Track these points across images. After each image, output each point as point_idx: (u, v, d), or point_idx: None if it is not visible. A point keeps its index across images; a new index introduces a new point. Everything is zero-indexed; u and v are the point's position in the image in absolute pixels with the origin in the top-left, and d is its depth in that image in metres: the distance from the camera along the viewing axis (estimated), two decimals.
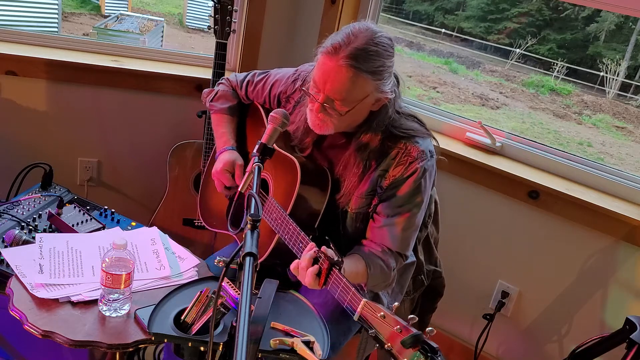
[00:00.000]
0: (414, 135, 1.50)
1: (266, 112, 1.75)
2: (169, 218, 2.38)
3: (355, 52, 1.34)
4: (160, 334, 1.27)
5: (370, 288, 1.54)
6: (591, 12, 5.12)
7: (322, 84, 1.38)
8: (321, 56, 1.39)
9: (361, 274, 1.45)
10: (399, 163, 1.48)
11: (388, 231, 1.50)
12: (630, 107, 5.19)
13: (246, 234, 1.04)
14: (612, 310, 2.09)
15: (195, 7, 6.78)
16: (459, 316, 2.43)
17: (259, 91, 1.75)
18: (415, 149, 1.48)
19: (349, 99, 1.39)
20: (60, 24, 4.68)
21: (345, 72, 1.34)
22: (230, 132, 1.77)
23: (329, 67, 1.36)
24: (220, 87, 1.84)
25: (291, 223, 1.41)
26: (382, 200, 1.51)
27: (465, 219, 2.33)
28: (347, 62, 1.33)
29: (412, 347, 1.05)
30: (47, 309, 1.33)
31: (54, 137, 2.46)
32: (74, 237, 1.61)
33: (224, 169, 1.67)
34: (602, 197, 2.08)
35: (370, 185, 1.50)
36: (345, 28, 1.40)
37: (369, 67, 1.36)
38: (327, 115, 1.42)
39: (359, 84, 1.36)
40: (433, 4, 6.09)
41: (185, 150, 2.38)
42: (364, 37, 1.36)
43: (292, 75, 1.68)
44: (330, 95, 1.38)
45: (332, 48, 1.36)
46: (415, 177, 1.47)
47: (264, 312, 1.31)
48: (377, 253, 1.49)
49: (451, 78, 5.67)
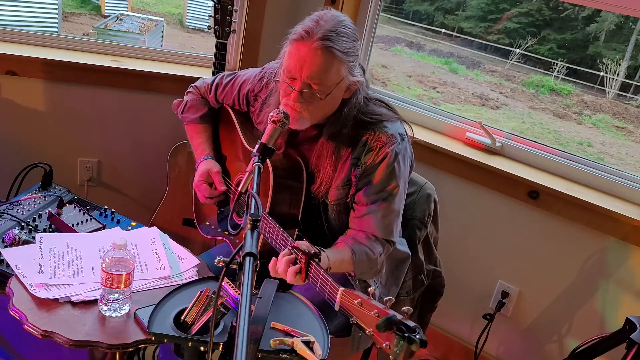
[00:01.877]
0: (382, 120, 1.51)
1: (236, 114, 1.77)
2: (169, 218, 2.38)
3: (328, 34, 1.37)
4: (160, 334, 1.27)
5: (359, 276, 1.54)
6: (591, 12, 5.12)
7: (298, 70, 1.39)
8: (292, 44, 1.40)
9: (347, 261, 1.45)
10: (370, 149, 1.49)
11: (369, 219, 1.51)
12: (630, 107, 5.19)
13: (246, 233, 1.04)
14: (612, 310, 2.09)
15: (195, 7, 6.78)
16: (459, 316, 2.43)
17: (227, 92, 1.76)
18: (384, 134, 1.49)
19: (326, 82, 1.40)
20: (60, 24, 4.68)
21: (321, 53, 1.37)
22: (206, 142, 1.80)
23: (304, 51, 1.37)
24: (189, 97, 1.86)
25: (270, 221, 1.41)
26: (359, 188, 1.51)
27: (465, 219, 2.33)
28: (322, 43, 1.36)
29: (387, 330, 1.00)
30: (47, 309, 1.33)
31: (54, 137, 2.46)
32: (74, 237, 1.61)
33: (201, 180, 1.70)
34: (602, 197, 2.08)
35: (345, 175, 1.51)
36: (311, 16, 1.42)
37: (342, 47, 1.38)
38: (305, 103, 1.41)
39: (334, 64, 1.39)
40: (433, 4, 6.09)
41: (186, 150, 2.38)
42: (333, 21, 1.39)
43: (259, 73, 1.70)
44: (307, 80, 1.39)
45: (303, 32, 1.37)
46: (388, 162, 1.48)
47: (264, 312, 1.30)
48: (361, 240, 1.50)
49: (451, 78, 5.67)
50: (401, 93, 4.23)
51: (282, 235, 1.37)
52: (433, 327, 2.44)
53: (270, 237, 1.43)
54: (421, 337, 1.00)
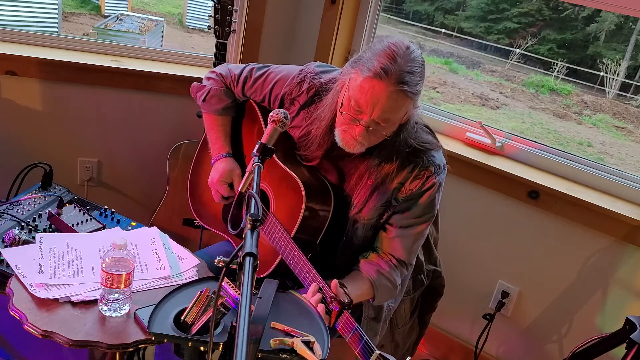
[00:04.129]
0: (430, 149, 1.50)
1: (263, 112, 1.69)
2: (169, 218, 2.38)
3: (405, 76, 1.32)
4: (160, 334, 1.27)
5: (377, 303, 1.57)
6: (591, 12, 5.12)
7: (370, 107, 1.35)
8: (365, 79, 1.34)
9: (365, 294, 1.47)
10: (417, 177, 1.48)
11: (400, 242, 1.52)
12: (630, 107, 5.19)
13: (246, 234, 1.04)
14: (612, 310, 2.09)
15: (195, 7, 6.78)
16: (459, 316, 2.43)
17: (257, 88, 1.67)
18: (432, 164, 1.49)
19: (394, 120, 1.39)
20: (60, 24, 4.69)
21: (397, 97, 1.33)
22: (225, 137, 1.72)
23: (379, 91, 1.32)
24: (212, 84, 1.73)
25: (296, 249, 1.40)
26: (397, 212, 1.51)
27: (465, 219, 2.33)
28: (399, 87, 1.32)
29: None
30: (47, 309, 1.33)
31: (54, 137, 2.46)
32: (74, 237, 1.61)
33: (221, 179, 1.65)
34: (602, 197, 2.08)
35: (385, 198, 1.50)
36: (383, 45, 1.36)
37: (415, 89, 1.35)
38: (367, 137, 1.40)
39: (406, 105, 1.37)
40: (433, 4, 6.09)
41: (186, 150, 2.38)
42: (408, 59, 1.34)
43: (297, 75, 1.61)
44: (376, 119, 1.36)
45: (381, 71, 1.31)
46: (433, 191, 1.49)
47: (264, 312, 1.30)
48: (385, 273, 1.50)
49: (451, 78, 5.67)
50: None
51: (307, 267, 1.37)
52: (433, 327, 2.44)
53: (290, 261, 1.42)
54: None
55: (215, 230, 1.85)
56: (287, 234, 1.44)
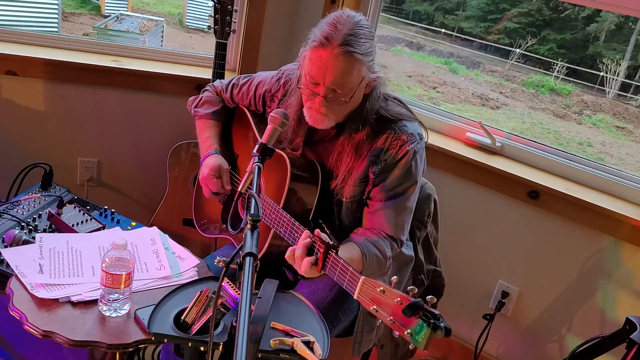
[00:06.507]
0: (401, 119, 1.53)
1: (252, 115, 1.78)
2: (169, 218, 2.38)
3: (348, 38, 1.37)
4: (160, 334, 1.27)
5: (366, 276, 1.54)
6: (591, 12, 5.12)
7: (321, 77, 1.40)
8: (312, 51, 1.41)
9: (356, 261, 1.45)
10: (390, 147, 1.50)
11: (382, 215, 1.52)
12: (630, 107, 5.20)
13: (246, 234, 1.04)
14: (612, 310, 2.09)
15: (195, 7, 6.78)
16: (459, 316, 2.43)
17: (244, 93, 1.78)
18: (404, 132, 1.51)
19: (349, 85, 1.42)
20: (60, 24, 4.69)
21: (343, 58, 1.37)
22: (214, 137, 1.79)
23: (325, 57, 1.38)
24: (205, 94, 1.88)
25: (285, 215, 1.42)
26: (375, 184, 1.53)
27: (465, 219, 2.33)
28: (342, 48, 1.37)
29: (413, 316, 1.03)
30: (47, 309, 1.33)
31: (54, 137, 2.46)
32: (74, 237, 1.61)
33: (211, 174, 1.68)
34: (602, 197, 2.08)
35: (363, 172, 1.52)
36: (327, 19, 1.43)
37: (362, 50, 1.39)
38: (329, 107, 1.44)
39: (356, 67, 1.40)
40: (433, 4, 6.09)
41: (186, 150, 2.38)
42: (350, 23, 1.40)
43: (276, 74, 1.72)
44: (330, 86, 1.41)
45: (323, 39, 1.38)
46: (406, 160, 1.50)
47: (264, 312, 1.31)
48: (373, 242, 1.49)
49: (451, 78, 5.68)
50: (401, 93, 4.22)
51: (297, 228, 1.37)
52: None
53: (282, 230, 1.43)
54: (446, 324, 1.02)
55: (218, 235, 1.88)
56: (276, 205, 1.46)
